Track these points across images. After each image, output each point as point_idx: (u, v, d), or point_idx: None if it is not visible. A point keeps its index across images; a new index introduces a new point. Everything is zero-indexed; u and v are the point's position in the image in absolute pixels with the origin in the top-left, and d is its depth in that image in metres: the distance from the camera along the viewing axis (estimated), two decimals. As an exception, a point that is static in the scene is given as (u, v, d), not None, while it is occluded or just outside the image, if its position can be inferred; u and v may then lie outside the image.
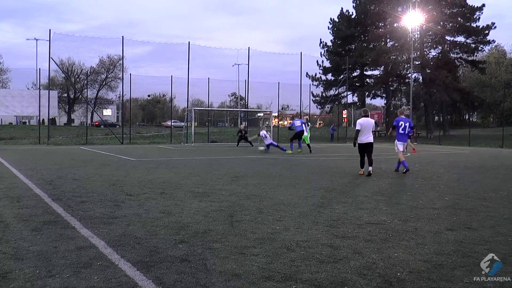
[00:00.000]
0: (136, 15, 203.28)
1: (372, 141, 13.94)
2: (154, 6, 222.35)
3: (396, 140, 14.56)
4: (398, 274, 4.68)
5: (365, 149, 13.87)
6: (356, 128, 14.02)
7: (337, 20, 58.41)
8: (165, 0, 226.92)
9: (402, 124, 14.20)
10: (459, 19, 53.69)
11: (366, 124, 13.80)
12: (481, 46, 54.83)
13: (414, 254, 5.36)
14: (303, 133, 24.72)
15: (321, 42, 58.41)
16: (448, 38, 54.79)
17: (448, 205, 8.74)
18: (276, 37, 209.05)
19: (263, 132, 26.44)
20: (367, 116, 14.34)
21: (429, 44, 56.01)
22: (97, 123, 63.85)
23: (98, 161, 18.05)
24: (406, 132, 14.37)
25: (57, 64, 39.56)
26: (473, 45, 54.07)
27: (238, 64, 61.36)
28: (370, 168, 13.61)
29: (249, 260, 5.07)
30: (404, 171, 14.00)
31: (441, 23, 53.33)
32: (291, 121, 26.21)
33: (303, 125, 25.27)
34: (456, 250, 5.54)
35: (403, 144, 14.45)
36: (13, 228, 6.46)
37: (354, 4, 58.20)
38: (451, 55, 55.34)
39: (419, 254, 5.38)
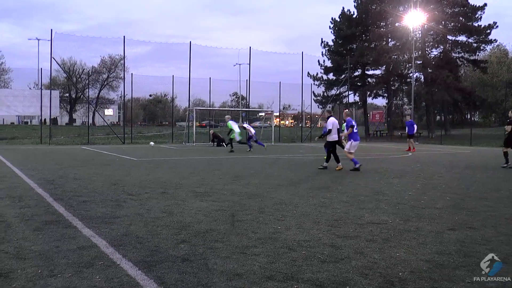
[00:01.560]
0: (133, 14, 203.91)
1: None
2: (151, 5, 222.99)
3: (352, 141, 14.84)
4: (400, 274, 4.67)
5: (336, 146, 15.23)
6: (329, 128, 14.91)
7: (338, 20, 58.32)
8: (163, 0, 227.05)
9: (354, 124, 14.72)
10: (461, 18, 53.66)
11: (336, 124, 15.12)
12: (483, 45, 54.78)
13: (416, 254, 5.35)
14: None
15: (322, 42, 58.36)
16: (449, 37, 54.74)
17: (450, 205, 8.74)
18: (275, 37, 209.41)
19: (247, 125, 27.36)
20: (332, 116, 15.60)
21: (431, 43, 55.97)
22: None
23: (99, 161, 18.06)
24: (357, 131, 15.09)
25: (58, 64, 39.62)
26: (475, 45, 54.01)
27: (240, 64, 61.38)
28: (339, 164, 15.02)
29: (251, 259, 5.07)
30: (356, 167, 14.53)
31: (443, 22, 53.32)
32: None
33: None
34: (458, 250, 5.53)
35: (358, 143, 15.12)
36: (15, 228, 6.47)
37: (355, 4, 58.14)
38: (453, 54, 55.25)
39: (421, 253, 5.38)
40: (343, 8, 58.39)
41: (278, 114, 45.79)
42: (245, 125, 27.53)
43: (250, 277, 4.50)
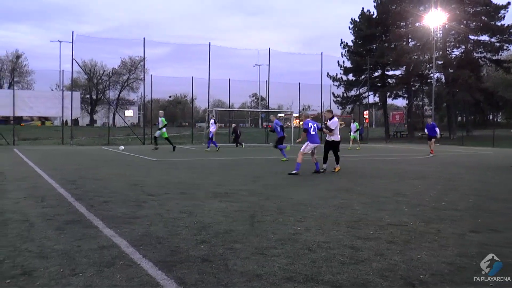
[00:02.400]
0: (152, 16, 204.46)
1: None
2: (169, 7, 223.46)
3: (308, 142, 14.07)
4: (421, 276, 4.63)
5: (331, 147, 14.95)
6: (332, 128, 14.69)
7: (358, 20, 58.03)
8: (180, 1, 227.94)
9: (311, 125, 14.15)
10: (483, 17, 53.03)
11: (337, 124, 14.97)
12: (506, 45, 54.01)
13: (437, 256, 5.30)
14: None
15: (341, 43, 58.12)
16: (471, 37, 54.12)
17: (471, 207, 8.64)
18: (293, 37, 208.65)
19: (212, 123, 27.66)
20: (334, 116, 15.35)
21: (452, 43, 55.40)
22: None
23: (119, 162, 18.21)
24: (316, 133, 14.32)
25: (79, 66, 40.09)
26: (498, 44, 53.31)
27: (259, 65, 61.42)
28: (325, 165, 14.69)
29: (270, 260, 5.07)
30: (293, 172, 13.73)
31: (464, 22, 52.75)
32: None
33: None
34: (480, 253, 5.46)
35: (316, 146, 14.23)
36: (37, 227, 6.56)
37: (375, 4, 57.81)
38: (475, 54, 54.61)
39: (442, 256, 5.32)
40: (363, 8, 58.12)
41: (297, 115, 45.61)
42: (211, 121, 27.75)
43: (270, 278, 4.50)
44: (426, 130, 26.87)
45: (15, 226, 6.60)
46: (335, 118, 15.06)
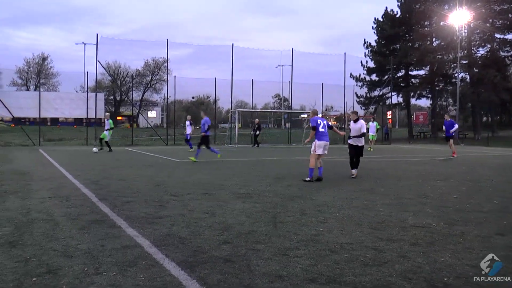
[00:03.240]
0: (174, 17, 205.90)
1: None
2: (191, 8, 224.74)
3: (316, 141, 12.61)
4: (445, 279, 4.59)
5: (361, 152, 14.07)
6: (363, 131, 13.81)
7: (381, 20, 57.68)
8: (202, 2, 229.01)
9: (320, 122, 12.65)
10: (510, 15, 52.17)
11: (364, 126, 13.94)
12: (534, 43, 53.11)
13: (462, 259, 5.24)
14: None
15: (365, 42, 57.83)
16: (497, 35, 53.31)
17: (497, 209, 8.52)
18: (316, 37, 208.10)
19: (188, 124, 27.80)
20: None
21: (477, 42, 54.58)
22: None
23: (142, 162, 18.35)
24: (326, 131, 12.75)
25: (103, 67, 40.49)
26: (525, 43, 52.42)
27: (282, 66, 61.35)
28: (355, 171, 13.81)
29: (293, 261, 5.06)
30: (306, 179, 12.36)
31: (490, 20, 51.94)
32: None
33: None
34: (507, 256, 5.38)
35: (325, 144, 12.69)
36: (62, 226, 6.65)
37: (399, 3, 57.40)
38: (501, 53, 53.73)
39: (467, 259, 5.26)
40: (386, 8, 57.65)
41: (320, 115, 45.52)
42: (187, 123, 28.04)
43: (292, 279, 4.50)
44: (444, 127, 24.93)
45: (40, 225, 6.70)
46: (362, 121, 14.00)
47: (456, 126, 25.24)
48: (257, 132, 34.01)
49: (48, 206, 8.24)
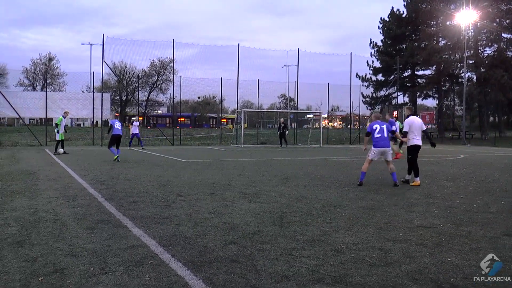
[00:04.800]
0: (180, 17, 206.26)
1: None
2: (197, 8, 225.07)
3: (372, 147, 12.06)
4: (452, 279, 4.58)
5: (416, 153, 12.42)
6: (405, 129, 12.35)
7: (387, 20, 57.64)
8: (209, 3, 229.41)
9: (376, 127, 11.95)
10: (517, 15, 51.93)
11: (416, 125, 12.35)
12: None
13: (468, 260, 5.23)
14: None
15: (371, 42, 57.82)
16: (504, 35, 53.14)
17: (505, 209, 8.49)
18: (322, 37, 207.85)
19: (135, 124, 28.24)
20: (412, 114, 12.77)
21: (484, 42, 54.41)
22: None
23: (149, 162, 18.38)
24: (385, 135, 11.89)
25: (109, 67, 40.47)
26: (533, 42, 52.19)
27: (288, 66, 61.30)
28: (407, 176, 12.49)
29: (299, 262, 5.06)
30: (358, 182, 11.80)
31: (497, 20, 51.79)
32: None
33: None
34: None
35: (382, 151, 11.88)
36: (69, 226, 6.68)
37: (405, 3, 57.31)
38: (508, 53, 53.53)
39: (474, 259, 5.24)
40: (392, 7, 57.64)
41: (326, 115, 45.50)
42: (135, 124, 29.00)
43: (298, 279, 4.50)
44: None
45: (47, 225, 6.73)
46: (412, 118, 12.51)
47: (394, 126, 24.20)
48: (286, 132, 34.20)
49: (55, 206, 8.28)
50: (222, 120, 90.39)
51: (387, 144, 11.95)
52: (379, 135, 11.86)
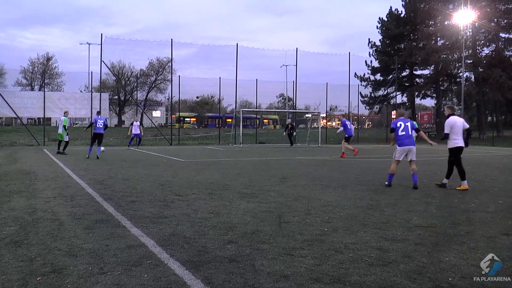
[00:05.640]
0: (179, 17, 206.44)
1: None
2: (196, 8, 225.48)
3: (397, 146, 11.59)
4: (450, 279, 4.58)
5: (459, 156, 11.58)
6: (446, 131, 11.49)
7: (385, 19, 57.66)
8: (207, 2, 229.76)
9: (400, 125, 11.47)
10: (515, 15, 52.08)
11: (457, 125, 11.47)
12: (539, 43, 53.08)
13: (467, 259, 5.24)
14: None
15: (369, 42, 57.79)
16: (502, 35, 53.27)
17: (503, 209, 8.50)
18: (321, 37, 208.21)
19: (136, 124, 28.43)
20: (454, 114, 11.94)
21: (482, 42, 54.54)
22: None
23: (147, 162, 18.37)
24: (410, 133, 11.39)
25: (108, 67, 40.46)
26: (530, 42, 52.40)
27: (286, 65, 61.28)
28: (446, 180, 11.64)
29: (297, 261, 5.07)
30: (386, 183, 11.58)
31: (495, 19, 51.93)
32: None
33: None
34: (511, 256, 5.39)
35: (408, 149, 11.38)
36: (67, 226, 6.67)
37: (403, 3, 57.38)
38: (506, 53, 53.65)
39: (472, 259, 5.25)
40: (391, 7, 57.65)
41: (325, 115, 45.51)
42: (135, 124, 29.20)
43: (297, 279, 4.50)
44: (342, 127, 24.15)
45: (45, 225, 6.72)
46: (453, 118, 11.61)
47: (341, 128, 24.19)
48: (294, 133, 34.42)
49: (53, 206, 8.27)
50: (264, 120, 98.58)
51: (412, 142, 11.46)
52: (404, 132, 11.39)
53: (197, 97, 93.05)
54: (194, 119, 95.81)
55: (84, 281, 4.40)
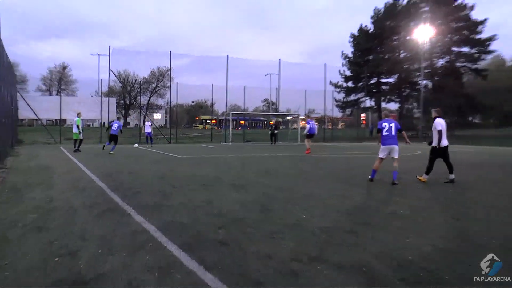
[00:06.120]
0: (176, 30, 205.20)
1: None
2: (191, 23, 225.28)
3: (381, 144, 11.10)
4: (410, 257, 4.62)
5: (439, 155, 11.40)
6: (438, 128, 11.21)
7: (357, 35, 58.07)
8: (201, 18, 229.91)
9: (385, 125, 11.01)
10: (464, 32, 52.93)
11: (444, 126, 11.28)
12: (484, 55, 54.01)
13: (425, 240, 5.28)
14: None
15: (342, 54, 58.19)
16: (454, 49, 54.00)
17: (454, 198, 8.59)
18: (300, 49, 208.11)
19: (148, 123, 28.07)
20: (440, 116, 11.60)
21: (438, 54, 55.13)
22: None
23: (149, 158, 18.26)
24: (393, 134, 10.95)
25: (115, 75, 40.18)
26: (476, 55, 53.29)
27: (270, 74, 61.28)
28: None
29: (279, 243, 5.07)
30: (369, 177, 11.12)
31: (449, 35, 52.62)
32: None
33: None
34: (461, 237, 5.45)
35: (390, 148, 10.92)
36: (80, 214, 6.63)
37: (372, 20, 57.86)
38: (457, 64, 54.43)
39: (429, 240, 5.30)
40: (361, 24, 58.24)
41: (303, 117, 45.53)
42: (147, 124, 29.15)
43: (279, 259, 4.51)
44: (308, 126, 23.26)
45: (62, 213, 6.67)
46: (441, 120, 11.42)
47: (308, 126, 23.62)
48: (275, 131, 34.22)
49: (68, 196, 8.20)
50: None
51: (395, 142, 10.97)
52: (387, 133, 10.97)
53: (192, 102, 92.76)
54: (215, 121, 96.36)
55: (95, 262, 4.38)
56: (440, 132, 11.07)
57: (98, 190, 9.09)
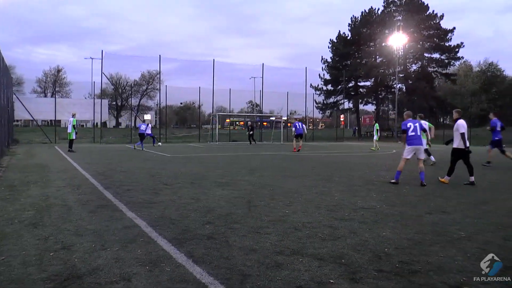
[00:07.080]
0: (166, 36, 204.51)
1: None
2: (180, 28, 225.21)
3: (406, 145, 10.33)
4: (386, 249, 4.65)
5: (459, 157, 10.49)
6: (461, 131, 10.29)
7: (335, 41, 58.40)
8: (189, 25, 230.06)
9: (410, 125, 10.29)
10: (435, 39, 53.82)
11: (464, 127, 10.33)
12: (453, 61, 55.01)
13: (399, 234, 5.32)
14: None
15: (322, 59, 58.49)
16: (426, 55, 54.81)
17: (428, 193, 8.66)
18: (282, 54, 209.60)
19: (145, 124, 27.62)
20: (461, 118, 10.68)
21: (411, 60, 55.96)
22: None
23: (141, 157, 18.15)
24: (419, 134, 10.25)
25: (107, 78, 39.95)
26: (446, 61, 54.32)
27: (254, 77, 61.30)
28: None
29: (264, 238, 5.07)
30: (392, 181, 10.33)
31: (421, 42, 53.44)
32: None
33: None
34: (433, 230, 5.49)
35: (416, 148, 10.22)
36: (74, 210, 6.55)
37: (349, 28, 58.21)
38: (429, 69, 55.34)
39: (403, 233, 5.34)
40: (340, 31, 58.68)
41: (286, 118, 45.65)
42: (143, 126, 28.16)
43: (263, 252, 4.51)
44: (294, 129, 23.21)
45: (57, 210, 6.59)
46: (461, 121, 10.43)
47: (293, 129, 23.50)
48: (251, 132, 34.02)
49: (63, 194, 8.11)
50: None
51: (421, 142, 10.35)
52: (413, 133, 10.24)
53: (181, 103, 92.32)
54: (242, 123, 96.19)
55: (88, 256, 4.32)
56: (463, 134, 10.27)
57: (92, 187, 8.99)
